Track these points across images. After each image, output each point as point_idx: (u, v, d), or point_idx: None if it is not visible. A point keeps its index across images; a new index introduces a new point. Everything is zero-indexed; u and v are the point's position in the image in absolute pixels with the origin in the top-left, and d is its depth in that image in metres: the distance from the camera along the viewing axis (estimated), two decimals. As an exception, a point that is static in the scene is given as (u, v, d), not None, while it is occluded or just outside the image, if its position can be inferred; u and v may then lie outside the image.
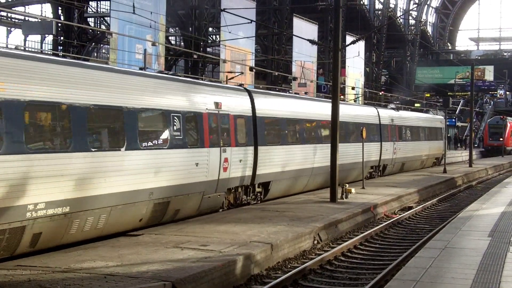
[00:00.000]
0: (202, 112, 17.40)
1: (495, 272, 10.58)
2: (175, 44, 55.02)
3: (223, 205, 18.80)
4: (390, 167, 34.30)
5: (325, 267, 13.81)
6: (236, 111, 19.23)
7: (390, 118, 34.17)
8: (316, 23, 45.64)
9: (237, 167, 18.98)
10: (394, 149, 34.09)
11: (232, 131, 18.83)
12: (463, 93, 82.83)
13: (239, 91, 20.53)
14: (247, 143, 19.75)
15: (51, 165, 12.14)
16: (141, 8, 27.66)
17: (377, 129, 31.97)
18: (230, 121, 18.74)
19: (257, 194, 21.00)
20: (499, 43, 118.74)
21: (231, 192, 19.24)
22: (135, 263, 11.37)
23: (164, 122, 15.81)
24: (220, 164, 17.97)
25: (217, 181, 17.93)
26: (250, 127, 20.05)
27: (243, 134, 19.64)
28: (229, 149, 18.52)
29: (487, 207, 19.81)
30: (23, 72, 11.88)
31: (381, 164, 32.69)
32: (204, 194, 17.38)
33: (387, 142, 33.00)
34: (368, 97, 59.84)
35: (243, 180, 19.56)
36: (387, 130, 33.32)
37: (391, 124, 34.07)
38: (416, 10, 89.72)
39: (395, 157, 34.52)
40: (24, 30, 37.76)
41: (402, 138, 35.88)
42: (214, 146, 17.73)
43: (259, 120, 20.61)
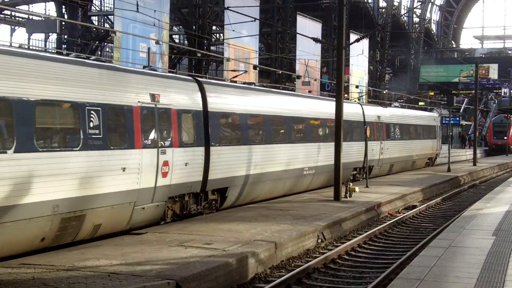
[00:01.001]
0: (132, 106, 14.57)
1: (499, 271, 10.57)
2: (178, 43, 55.02)
3: (165, 216, 16.18)
4: (377, 168, 31.66)
5: (329, 266, 13.80)
6: (180, 105, 16.39)
7: (376, 115, 31.61)
8: (320, 21, 45.54)
9: (182, 172, 16.17)
10: (381, 149, 31.50)
11: (174, 129, 15.96)
12: (467, 92, 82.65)
13: (185, 82, 17.52)
14: (196, 143, 16.98)
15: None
16: (145, 7, 27.64)
17: (361, 127, 29.06)
18: (172, 117, 15.90)
19: (211, 202, 18.25)
20: (504, 41, 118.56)
21: (176, 201, 16.53)
22: (139, 262, 11.39)
23: (75, 118, 13.00)
24: (157, 168, 15.18)
25: (154, 188, 15.17)
26: (200, 124, 17.19)
27: (190, 132, 16.84)
28: (171, 150, 15.71)
29: (491, 206, 19.78)
30: None
31: (366, 165, 29.42)
32: (136, 205, 14.64)
33: (373, 141, 30.34)
34: (372, 95, 59.79)
35: (190, 187, 16.76)
36: (373, 128, 30.75)
37: (378, 121, 31.56)
38: (420, 8, 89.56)
39: (383, 158, 31.92)
40: (28, 29, 37.77)
41: (391, 137, 33.33)
42: (148, 147, 14.96)
43: (213, 116, 17.77)
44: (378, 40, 69.62)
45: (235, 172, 18.83)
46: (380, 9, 71.74)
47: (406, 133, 36.04)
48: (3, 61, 11.65)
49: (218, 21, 45.47)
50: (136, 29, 28.12)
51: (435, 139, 41.99)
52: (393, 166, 34.13)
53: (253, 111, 20.32)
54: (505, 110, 76.65)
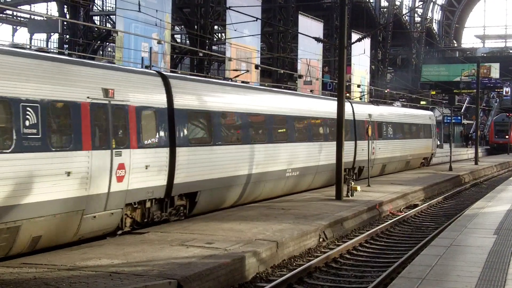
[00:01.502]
0: (80, 102, 12.91)
1: (500, 269, 10.57)
2: (180, 42, 55.04)
3: (122, 225, 14.61)
4: (368, 169, 29.45)
5: (330, 265, 13.81)
6: (140, 102, 14.82)
7: (367, 114, 29.95)
8: (321, 20, 45.54)
9: (141, 175, 14.61)
10: (373, 148, 29.62)
11: (132, 128, 14.40)
12: (469, 91, 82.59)
13: (147, 76, 15.82)
14: (159, 143, 15.42)
15: None
16: (147, 6, 27.65)
17: (350, 126, 27.59)
18: (129, 114, 14.33)
19: (179, 208, 16.67)
20: (505, 41, 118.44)
21: (135, 208, 14.94)
22: (140, 261, 11.40)
23: (6, 115, 11.38)
24: (111, 172, 13.62)
25: (107, 195, 13.60)
26: (164, 122, 15.64)
27: (153, 132, 15.26)
28: (127, 151, 14.14)
29: (493, 205, 19.78)
30: None
31: (356, 166, 28.39)
32: (86, 213, 13.06)
33: (363, 140, 28.58)
34: (374, 95, 59.76)
35: (152, 192, 15.18)
36: (364, 127, 28.93)
37: (369, 120, 29.69)
38: (422, 7, 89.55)
39: (374, 158, 30.16)
40: (30, 29, 37.86)
41: (383, 136, 31.79)
42: (100, 148, 13.36)
43: (180, 114, 16.19)
44: (379, 39, 69.58)
45: (206, 175, 17.17)
46: (381, 8, 71.73)
47: (400, 132, 34.73)
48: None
49: (219, 21, 45.50)
50: (138, 29, 28.14)
51: (431, 139, 40.56)
52: (386, 166, 32.63)
53: (228, 109, 18.68)
54: (507, 109, 76.62)
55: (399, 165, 35.32)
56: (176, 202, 16.35)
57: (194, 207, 17.13)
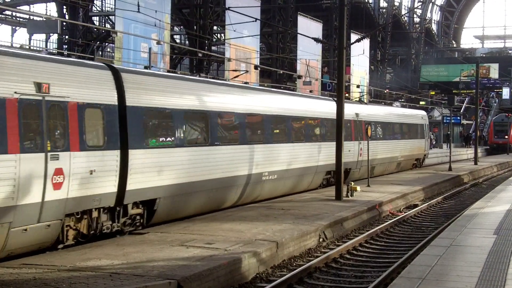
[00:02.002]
0: (4, 98, 11.34)
1: (500, 269, 10.57)
2: (180, 43, 55.06)
3: (63, 238, 12.91)
4: (355, 171, 28.38)
5: (330, 265, 13.81)
6: (84, 98, 13.07)
7: (354, 113, 28.39)
8: (320, 21, 45.56)
9: (85, 182, 12.92)
10: (360, 149, 28.22)
11: (73, 128, 12.66)
12: (468, 91, 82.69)
13: (93, 69, 13.96)
14: (108, 145, 13.67)
15: None
16: (146, 7, 27.67)
17: (334, 125, 25.40)
18: (69, 112, 12.61)
19: (134, 217, 14.98)
20: (504, 41, 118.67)
21: (79, 218, 13.29)
22: (140, 261, 11.39)
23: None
24: (45, 178, 11.97)
25: (41, 204, 11.94)
26: (114, 122, 13.92)
27: (99, 132, 13.56)
28: (67, 155, 12.41)
29: (492, 205, 19.77)
30: None
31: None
32: (13, 226, 11.44)
33: (349, 141, 27.03)
34: (374, 95, 59.81)
35: (99, 200, 13.49)
36: (350, 127, 27.58)
37: (356, 119, 28.36)
38: (421, 8, 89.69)
39: (362, 159, 28.45)
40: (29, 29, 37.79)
41: (371, 137, 29.52)
42: (31, 151, 11.74)
43: (133, 112, 14.55)
44: (379, 40, 69.67)
45: (166, 180, 15.44)
46: (380, 9, 71.83)
47: (390, 132, 33.17)
48: None
49: (219, 21, 45.52)
50: (137, 29, 28.15)
51: (423, 139, 38.94)
52: (375, 168, 30.68)
53: (194, 107, 16.92)
54: (506, 109, 76.68)
55: (389, 167, 33.76)
56: (130, 211, 14.64)
57: (153, 216, 15.45)
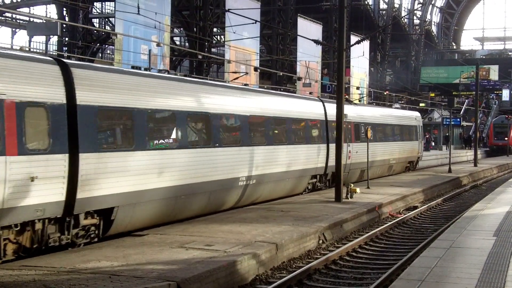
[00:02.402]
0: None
1: (500, 271, 10.58)
2: (180, 45, 55.09)
3: (1, 253, 11.62)
4: (343, 175, 25.06)
5: (330, 267, 13.81)
6: (23, 95, 11.66)
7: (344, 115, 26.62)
8: (320, 23, 45.61)
9: (24, 190, 11.56)
10: (349, 152, 26.80)
11: (10, 129, 11.33)
12: (468, 93, 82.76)
13: (35, 63, 12.45)
14: (53, 148, 12.23)
15: None
16: (146, 9, 27.69)
17: (321, 127, 24.78)
18: (5, 111, 11.28)
19: (88, 228, 13.59)
20: (504, 43, 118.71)
21: (21, 230, 11.96)
22: (140, 263, 11.40)
23: None
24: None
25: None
26: (61, 122, 12.50)
27: (43, 133, 12.12)
28: (1, 159, 11.15)
29: (492, 206, 19.78)
30: None
31: (328, 171, 25.15)
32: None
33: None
34: (373, 97, 59.83)
35: (44, 210, 12.07)
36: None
37: (344, 120, 26.04)
38: (421, 9, 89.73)
39: (351, 163, 27.21)
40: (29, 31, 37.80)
41: (361, 139, 28.27)
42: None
43: (85, 111, 13.03)
44: (378, 41, 69.71)
45: (125, 187, 14.02)
46: (380, 11, 71.88)
47: (381, 134, 31.53)
48: None
49: (219, 23, 45.56)
50: (137, 31, 28.18)
51: (416, 141, 37.37)
52: (365, 172, 28.35)
53: (157, 106, 15.38)
54: (506, 111, 76.72)
55: (381, 170, 32.05)
56: (82, 221, 13.22)
57: (110, 226, 14.09)
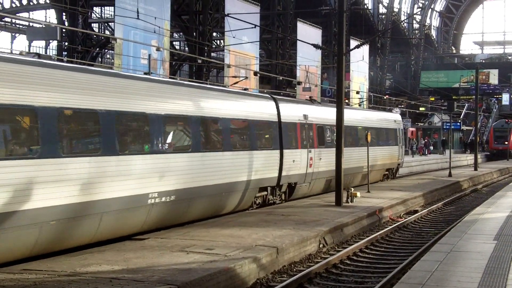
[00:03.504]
0: None
1: (500, 275, 10.57)
2: (179, 49, 55.14)
3: None
4: (304, 186, 23.50)
5: (330, 271, 13.80)
6: None
7: (301, 115, 23.40)
8: (320, 27, 45.63)
9: None
10: (310, 159, 23.40)
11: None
12: (467, 97, 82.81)
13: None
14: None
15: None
16: (146, 14, 27.71)
17: (273, 130, 21.26)
18: None
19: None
20: (504, 47, 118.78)
21: None
22: (140, 267, 11.39)
23: None
24: None
25: None
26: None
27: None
28: None
29: (493, 210, 19.77)
30: None
31: (283, 182, 21.77)
32: None
33: (294, 149, 22.31)
34: (373, 101, 59.88)
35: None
36: (295, 132, 22.68)
37: (304, 122, 23.36)
38: (420, 14, 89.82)
39: (313, 171, 23.77)
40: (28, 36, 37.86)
41: (326, 144, 24.86)
42: None
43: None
44: (378, 46, 69.80)
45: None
46: (380, 15, 71.97)
47: (352, 138, 27.84)
48: None
49: (218, 28, 45.62)
50: (137, 36, 28.19)
51: (396, 146, 33.77)
52: (332, 181, 24.05)
53: (76, 105, 12.87)
54: (506, 115, 76.76)
55: (352, 179, 28.02)
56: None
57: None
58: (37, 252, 12.27)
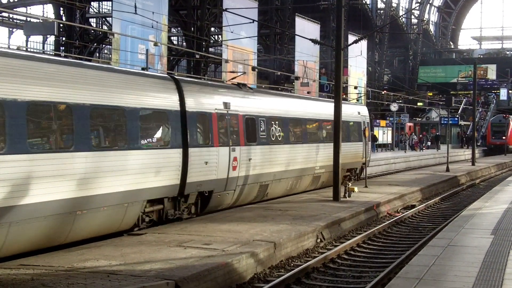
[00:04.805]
0: None
1: (498, 269, 10.58)
2: (177, 44, 55.08)
3: None
4: (225, 194, 18.32)
5: (328, 266, 13.81)
6: None
7: (220, 102, 18.04)
8: (318, 22, 45.64)
9: None
10: (234, 160, 18.32)
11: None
12: (465, 92, 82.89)
13: None
14: None
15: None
16: (143, 9, 27.68)
17: (172, 122, 15.87)
18: None
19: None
20: (502, 42, 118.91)
21: None
22: (138, 262, 11.39)
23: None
24: None
25: None
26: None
27: None
28: None
29: (490, 205, 19.79)
30: None
31: (188, 192, 16.45)
32: None
33: (207, 147, 17.10)
34: (371, 96, 59.88)
35: None
36: (209, 125, 17.37)
37: (224, 113, 18.08)
38: (419, 9, 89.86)
39: (240, 175, 18.73)
40: (25, 31, 37.88)
41: (260, 140, 19.91)
42: None
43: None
44: (376, 41, 69.79)
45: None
46: (378, 10, 71.94)
47: (298, 132, 23.13)
48: None
49: (216, 23, 45.60)
50: (134, 31, 28.18)
51: (360, 142, 28.25)
52: (269, 187, 20.84)
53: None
54: (504, 110, 76.82)
55: (299, 183, 23.30)
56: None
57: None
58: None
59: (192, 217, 17.01)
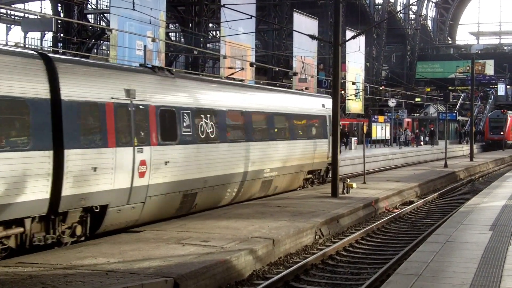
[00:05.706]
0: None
1: (496, 265, 10.58)
2: (175, 40, 55.02)
3: None
4: (128, 209, 14.28)
5: (327, 262, 13.80)
6: None
7: (119, 89, 14.03)
8: (316, 18, 45.60)
9: None
10: (142, 164, 14.39)
11: None
12: (463, 87, 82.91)
13: None
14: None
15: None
16: (141, 5, 27.64)
17: (37, 114, 11.87)
18: None
19: None
20: (499, 37, 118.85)
21: None
22: (136, 259, 11.37)
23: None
24: None
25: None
26: None
27: None
28: None
29: (488, 201, 19.79)
30: None
31: (67, 208, 12.54)
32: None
33: (97, 148, 13.20)
34: (370, 92, 59.89)
35: None
36: (101, 119, 13.44)
37: (125, 103, 14.13)
38: (416, 4, 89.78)
39: (151, 183, 14.75)
40: (23, 27, 37.82)
41: (181, 138, 15.97)
42: None
43: None
44: (374, 36, 69.74)
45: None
46: (376, 5, 71.89)
47: (237, 128, 19.26)
48: None
49: (214, 19, 45.54)
50: (132, 27, 28.15)
51: (324, 139, 24.75)
52: (197, 196, 16.79)
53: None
54: (502, 106, 76.86)
55: (242, 191, 19.39)
56: None
57: None
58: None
59: (81, 241, 13.23)
